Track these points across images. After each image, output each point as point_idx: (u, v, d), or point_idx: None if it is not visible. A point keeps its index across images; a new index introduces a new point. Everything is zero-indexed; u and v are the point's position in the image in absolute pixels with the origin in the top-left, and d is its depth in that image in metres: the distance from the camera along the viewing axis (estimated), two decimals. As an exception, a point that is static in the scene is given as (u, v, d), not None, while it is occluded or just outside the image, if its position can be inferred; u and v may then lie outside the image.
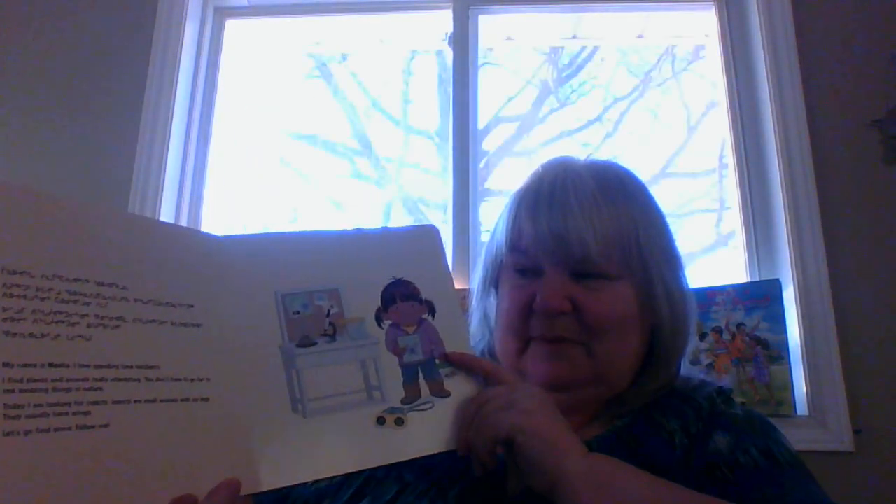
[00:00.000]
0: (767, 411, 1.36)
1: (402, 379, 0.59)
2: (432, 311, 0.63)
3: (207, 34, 1.84)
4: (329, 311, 0.59)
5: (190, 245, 0.56)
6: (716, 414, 0.67)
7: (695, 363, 1.41)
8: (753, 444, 0.62)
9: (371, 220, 1.85)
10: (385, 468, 0.65)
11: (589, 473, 0.52)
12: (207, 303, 0.54)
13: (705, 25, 1.79)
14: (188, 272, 0.54)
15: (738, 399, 0.85)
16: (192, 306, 0.52)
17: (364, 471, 0.65)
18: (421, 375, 0.60)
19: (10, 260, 0.44)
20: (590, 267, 0.67)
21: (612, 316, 0.67)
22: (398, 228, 0.86)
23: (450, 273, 0.67)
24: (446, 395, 0.60)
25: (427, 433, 0.57)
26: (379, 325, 0.60)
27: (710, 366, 1.42)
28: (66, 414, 0.42)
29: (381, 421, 0.56)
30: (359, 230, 0.65)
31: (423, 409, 0.58)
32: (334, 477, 0.66)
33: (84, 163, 1.66)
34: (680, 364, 0.73)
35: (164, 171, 1.64)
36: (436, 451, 0.57)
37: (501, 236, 0.73)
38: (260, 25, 1.92)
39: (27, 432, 0.40)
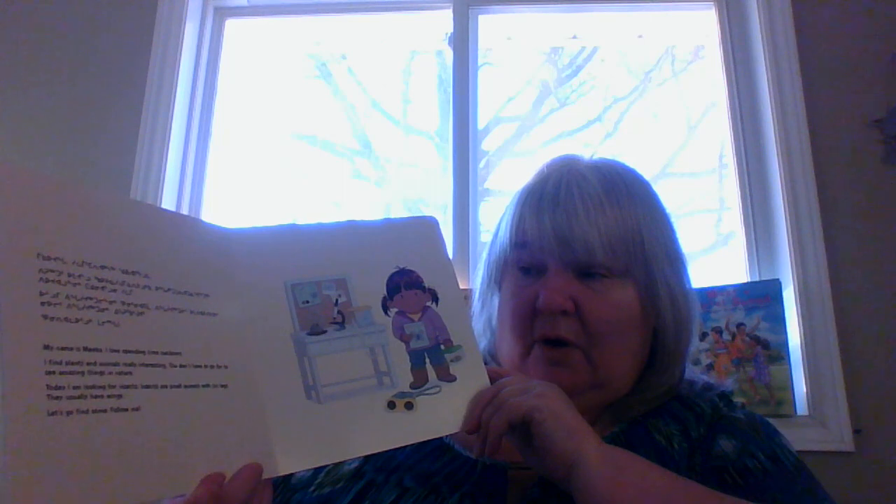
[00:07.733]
0: (767, 411, 1.36)
1: (410, 364, 0.60)
2: (435, 298, 0.64)
3: (207, 34, 1.84)
4: (337, 299, 0.60)
5: (202, 235, 0.57)
6: (718, 417, 0.67)
7: (695, 363, 1.40)
8: (760, 448, 0.62)
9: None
10: (385, 473, 0.65)
11: (607, 459, 0.53)
12: (221, 292, 0.55)
13: (705, 25, 1.79)
14: (202, 262, 0.55)
15: (738, 400, 0.85)
16: (208, 295, 0.54)
17: (363, 476, 0.66)
18: (428, 361, 0.61)
19: (44, 246, 0.45)
20: (594, 267, 0.66)
21: (614, 318, 0.66)
22: (399, 219, 0.86)
23: (450, 262, 0.67)
24: (452, 379, 0.61)
25: (436, 416, 0.59)
26: (385, 313, 0.61)
27: (710, 366, 1.42)
28: (102, 397, 0.44)
29: (391, 405, 0.57)
30: (362, 221, 0.67)
31: (431, 394, 0.59)
32: (336, 483, 0.66)
33: (84, 162, 1.66)
34: (684, 367, 0.73)
35: (164, 171, 1.64)
36: (445, 434, 0.60)
37: (505, 235, 0.72)
38: (260, 25, 1.92)
39: (69, 413, 0.42)
